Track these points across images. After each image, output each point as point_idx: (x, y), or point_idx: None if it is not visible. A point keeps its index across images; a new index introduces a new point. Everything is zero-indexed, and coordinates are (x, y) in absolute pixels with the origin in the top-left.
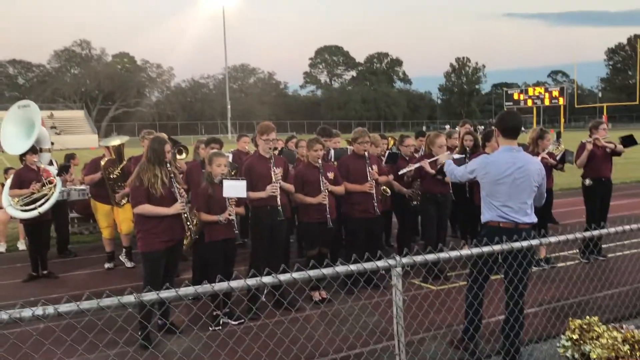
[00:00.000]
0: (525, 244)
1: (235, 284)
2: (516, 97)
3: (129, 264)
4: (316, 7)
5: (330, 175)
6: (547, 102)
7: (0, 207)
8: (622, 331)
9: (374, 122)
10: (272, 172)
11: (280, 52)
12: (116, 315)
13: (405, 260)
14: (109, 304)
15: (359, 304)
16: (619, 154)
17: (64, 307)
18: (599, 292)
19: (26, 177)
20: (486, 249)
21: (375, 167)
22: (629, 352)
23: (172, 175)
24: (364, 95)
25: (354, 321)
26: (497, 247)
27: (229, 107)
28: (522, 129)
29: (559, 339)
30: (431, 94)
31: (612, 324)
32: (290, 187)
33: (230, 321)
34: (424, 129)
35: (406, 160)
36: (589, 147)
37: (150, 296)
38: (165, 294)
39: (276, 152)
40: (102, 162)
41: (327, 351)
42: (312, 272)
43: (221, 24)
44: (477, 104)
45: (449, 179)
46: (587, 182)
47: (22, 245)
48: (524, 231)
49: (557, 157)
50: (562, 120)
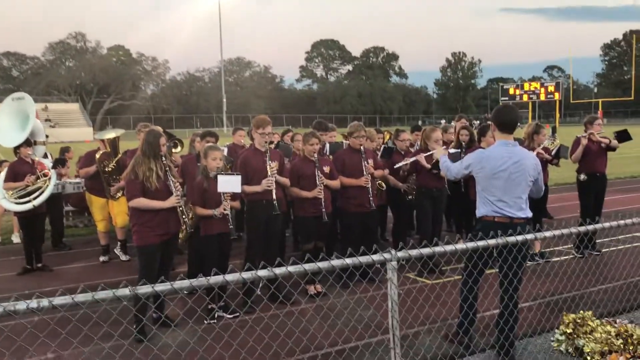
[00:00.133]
0: (520, 238)
1: (230, 277)
2: (512, 92)
3: (123, 257)
4: (312, 0)
5: (326, 169)
6: (542, 97)
7: None
8: (616, 325)
9: (369, 117)
10: (268, 166)
11: (276, 45)
12: (111, 308)
13: (400, 254)
14: (103, 297)
15: (354, 298)
16: (613, 149)
17: (58, 300)
18: (593, 287)
19: (20, 169)
20: (481, 243)
21: (371, 161)
22: (622, 346)
23: (167, 168)
24: (360, 89)
25: (349, 315)
26: (492, 242)
27: (225, 100)
28: (518, 124)
29: (553, 333)
30: (427, 88)
31: (606, 319)
32: (285, 180)
33: (225, 315)
34: (420, 123)
35: (402, 154)
36: (584, 142)
37: (145, 289)
38: (160, 287)
39: (272, 145)
40: (97, 155)
41: (322, 345)
42: (308, 266)
43: (217, 16)
44: (472, 98)
45: (443, 173)
46: (582, 177)
47: (16, 238)
48: (519, 226)
49: (553, 152)
50: (558, 115)
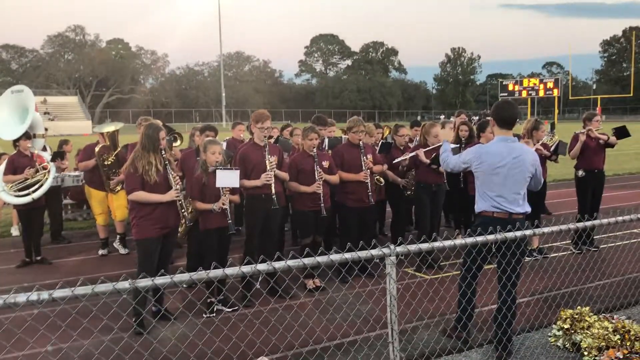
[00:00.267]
0: (518, 234)
1: (230, 271)
2: (511, 88)
3: (122, 251)
4: None
5: (325, 164)
6: (541, 94)
7: None
8: (613, 321)
9: (368, 112)
10: (267, 161)
11: (275, 40)
12: (110, 301)
13: (399, 249)
14: (103, 290)
15: (353, 292)
16: (612, 146)
17: (58, 293)
18: (591, 283)
19: (20, 163)
20: (480, 239)
21: (370, 156)
22: (619, 342)
23: (166, 162)
24: (359, 84)
25: (347, 309)
26: (490, 237)
27: (224, 94)
28: (517, 120)
29: (550, 329)
30: (426, 84)
31: (603, 314)
32: (284, 175)
33: (224, 308)
34: (419, 118)
35: (400, 150)
36: (582, 138)
37: (145, 282)
38: (160, 281)
39: (272, 140)
40: (97, 149)
41: (321, 339)
42: (307, 260)
43: (216, 11)
44: (471, 94)
45: (443, 169)
46: (580, 173)
47: (15, 231)
48: (518, 221)
49: (551, 148)
50: (556, 111)
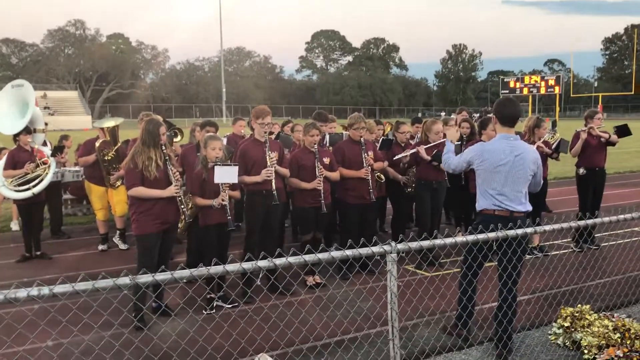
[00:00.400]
0: (519, 232)
1: (231, 267)
2: (512, 85)
3: (122, 246)
4: None
5: (325, 160)
6: (542, 91)
7: None
8: (613, 320)
9: (369, 108)
10: (267, 157)
11: (276, 35)
12: (111, 297)
13: (400, 246)
14: (104, 286)
15: (354, 289)
16: (613, 144)
17: (59, 288)
18: (591, 281)
19: (20, 157)
20: (481, 237)
21: (370, 153)
22: (619, 340)
23: (166, 158)
24: (359, 80)
25: (348, 306)
26: (492, 235)
27: (224, 90)
28: (519, 117)
29: (550, 327)
30: (427, 80)
31: (604, 313)
32: (285, 171)
33: (224, 305)
34: (420, 115)
35: (401, 147)
36: (584, 136)
37: (145, 278)
38: (160, 277)
39: (272, 136)
40: (97, 144)
41: (321, 335)
42: (308, 257)
43: (217, 6)
44: (473, 91)
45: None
46: (581, 171)
47: (15, 225)
48: (519, 219)
49: (553, 146)
50: (558, 109)
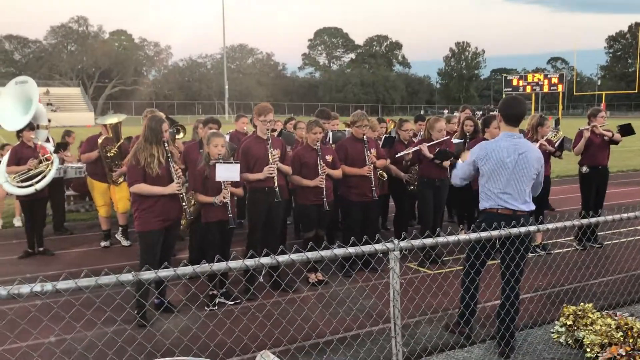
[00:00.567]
0: (522, 230)
1: (233, 264)
2: (515, 83)
3: (125, 243)
4: None
5: (328, 158)
6: (546, 89)
7: None
8: (616, 318)
9: (372, 105)
10: (270, 154)
11: (279, 32)
12: (113, 293)
13: (403, 244)
14: (107, 282)
15: (356, 287)
16: (616, 143)
17: (62, 284)
18: (594, 279)
19: (23, 153)
20: (484, 235)
21: (373, 150)
22: (622, 339)
23: (169, 154)
24: (362, 78)
25: (350, 303)
26: (494, 233)
27: (227, 87)
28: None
29: (553, 325)
30: (430, 78)
31: (606, 311)
32: (287, 168)
33: (227, 301)
34: (422, 112)
35: (404, 144)
36: (587, 134)
37: (148, 275)
38: (163, 273)
39: (275, 133)
40: (99, 140)
41: (324, 332)
42: (311, 254)
43: (220, 3)
44: (475, 89)
45: (446, 164)
46: (584, 169)
47: (18, 221)
48: (522, 218)
49: (556, 144)
50: (561, 107)
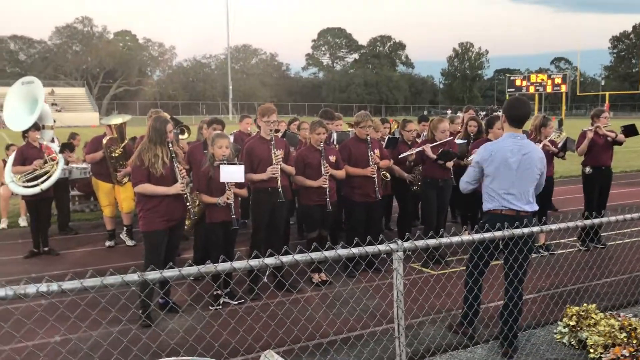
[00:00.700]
0: (525, 230)
1: (238, 264)
2: (518, 83)
3: (129, 243)
4: None
5: (332, 158)
6: (549, 89)
7: (2, 183)
8: (619, 319)
9: (375, 106)
10: (273, 154)
11: (282, 33)
12: (118, 293)
13: (407, 244)
14: (112, 282)
15: (360, 287)
16: (620, 143)
17: (67, 284)
18: (597, 280)
19: (28, 154)
20: (487, 235)
21: (377, 151)
22: (625, 339)
23: (173, 155)
24: (366, 78)
25: (354, 304)
26: (498, 234)
27: (231, 87)
28: None
29: (556, 326)
30: (433, 78)
31: (610, 312)
32: (291, 169)
33: (231, 301)
34: (426, 113)
35: (408, 145)
36: (590, 135)
37: (153, 275)
38: (168, 273)
39: (279, 134)
40: (104, 141)
41: (328, 332)
42: (314, 254)
43: (224, 3)
44: (479, 89)
45: (449, 164)
46: (587, 170)
47: (23, 221)
48: (525, 218)
49: (559, 145)
50: (564, 107)
